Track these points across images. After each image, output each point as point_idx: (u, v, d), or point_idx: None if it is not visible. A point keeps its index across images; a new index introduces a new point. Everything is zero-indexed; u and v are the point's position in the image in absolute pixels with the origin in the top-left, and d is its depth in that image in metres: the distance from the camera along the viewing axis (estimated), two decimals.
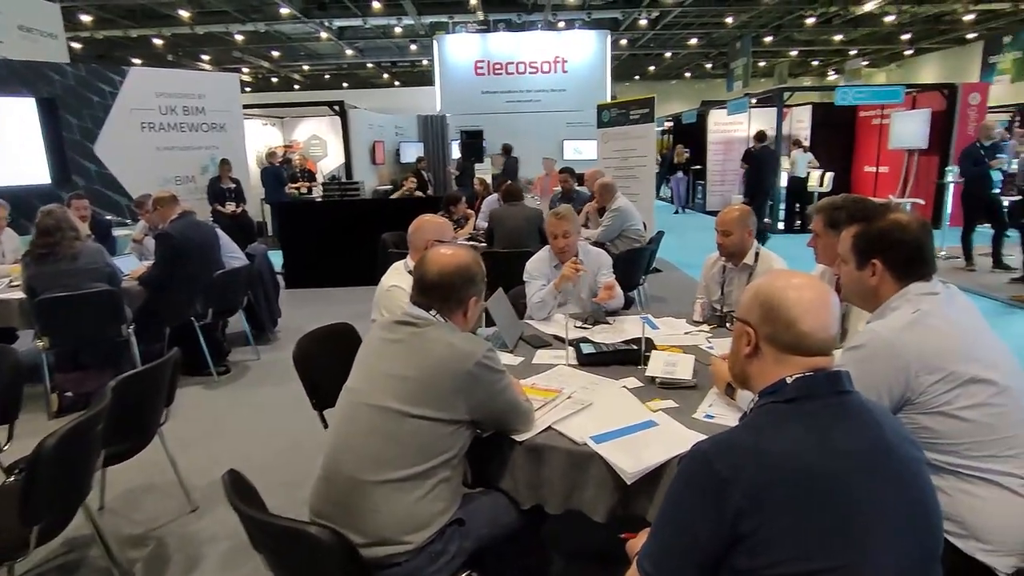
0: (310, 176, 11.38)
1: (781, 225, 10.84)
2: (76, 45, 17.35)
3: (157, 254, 4.35)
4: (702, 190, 13.53)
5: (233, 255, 5.04)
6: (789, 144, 11.14)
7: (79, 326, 3.82)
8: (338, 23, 15.56)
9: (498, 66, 12.15)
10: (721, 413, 1.84)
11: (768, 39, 18.53)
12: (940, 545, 1.08)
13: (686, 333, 2.67)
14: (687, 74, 28.28)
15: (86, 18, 14.31)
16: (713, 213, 13.46)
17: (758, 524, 0.96)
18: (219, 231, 5.05)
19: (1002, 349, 1.53)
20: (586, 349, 2.38)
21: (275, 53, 20.94)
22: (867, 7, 13.24)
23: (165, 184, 7.69)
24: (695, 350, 2.41)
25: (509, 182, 6.06)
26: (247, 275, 4.67)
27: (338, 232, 7.11)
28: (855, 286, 1.67)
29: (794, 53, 22.84)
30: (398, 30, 15.17)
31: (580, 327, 2.78)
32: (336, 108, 9.78)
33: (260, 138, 12.17)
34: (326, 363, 2.57)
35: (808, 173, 10.69)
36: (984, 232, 7.11)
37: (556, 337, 2.61)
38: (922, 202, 9.43)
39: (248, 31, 15.71)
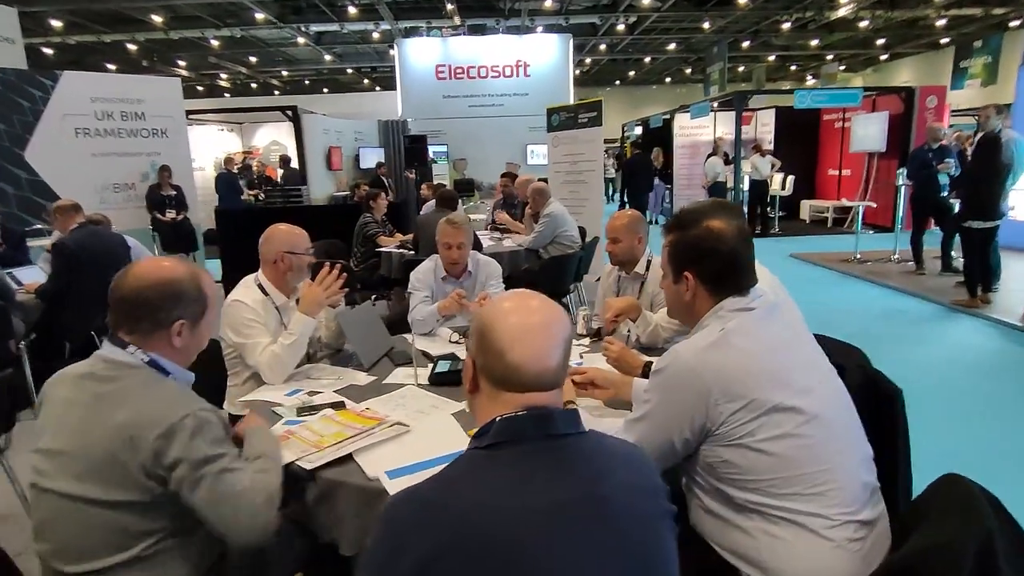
0: (269, 182, 11.17)
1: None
2: (48, 51, 17.07)
3: (52, 265, 4.15)
4: (669, 195, 13.43)
5: None
6: (751, 148, 11.08)
7: None
8: (315, 28, 15.38)
9: (459, 70, 12.00)
10: None
11: (746, 44, 18.54)
12: None
13: None
14: (667, 79, 28.32)
15: (57, 23, 14.01)
16: None
17: None
18: (134, 241, 4.84)
19: (823, 371, 1.39)
20: (440, 368, 2.22)
21: (252, 59, 20.69)
22: (841, 12, 13.23)
23: (103, 191, 7.48)
24: None
25: (444, 187, 5.89)
26: None
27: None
28: (673, 302, 1.53)
29: (772, 58, 22.89)
30: (376, 35, 15.03)
31: (457, 342, 2.62)
32: (289, 113, 9.59)
33: (219, 144, 11.96)
34: None
35: (771, 177, 10.64)
36: (938, 235, 7.05)
37: (424, 354, 2.44)
38: (873, 205, 9.38)
39: (224, 36, 15.46)
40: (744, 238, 1.43)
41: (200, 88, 25.62)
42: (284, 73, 24.18)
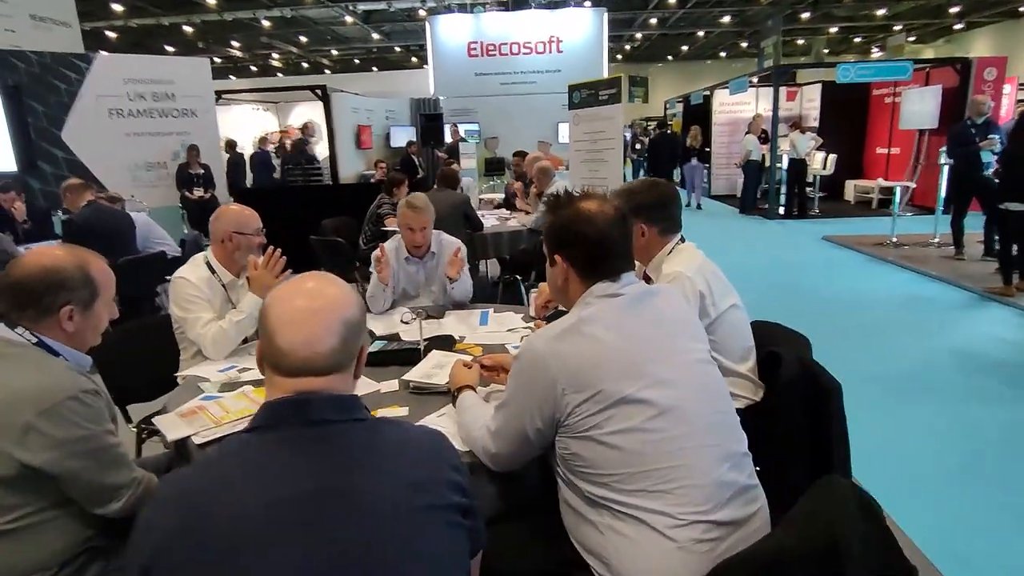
0: (310, 159, 11.35)
1: (781, 210, 10.34)
2: (111, 34, 17.83)
3: (63, 241, 4.34)
4: (707, 174, 13.03)
5: (160, 241, 5.00)
6: (789, 125, 10.60)
7: None
8: (363, 7, 15.56)
9: (491, 47, 11.87)
10: (443, 427, 1.65)
11: (805, 15, 17.68)
12: None
13: (509, 330, 2.46)
14: (722, 54, 27.34)
15: (118, 7, 14.58)
16: (719, 198, 13.02)
17: None
18: (144, 219, 5.01)
19: (689, 363, 1.30)
20: (374, 348, 2.22)
21: (303, 38, 21.07)
22: None
23: (135, 170, 7.77)
24: (498, 349, 2.21)
25: (444, 167, 5.86)
26: (161, 261, 4.59)
27: (297, 217, 7.03)
28: (550, 285, 1.48)
29: (834, 30, 21.78)
30: (422, 12, 15.06)
31: (406, 322, 2.60)
32: (318, 92, 9.70)
33: (255, 124, 12.24)
34: (136, 360, 2.49)
35: (811, 155, 10.16)
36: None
37: (382, 337, 2.42)
38: (912, 185, 8.85)
39: (274, 16, 15.82)
40: (618, 222, 1.35)
41: (254, 68, 26.30)
42: (334, 52, 24.54)
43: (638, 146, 16.74)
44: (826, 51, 23.95)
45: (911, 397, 3.56)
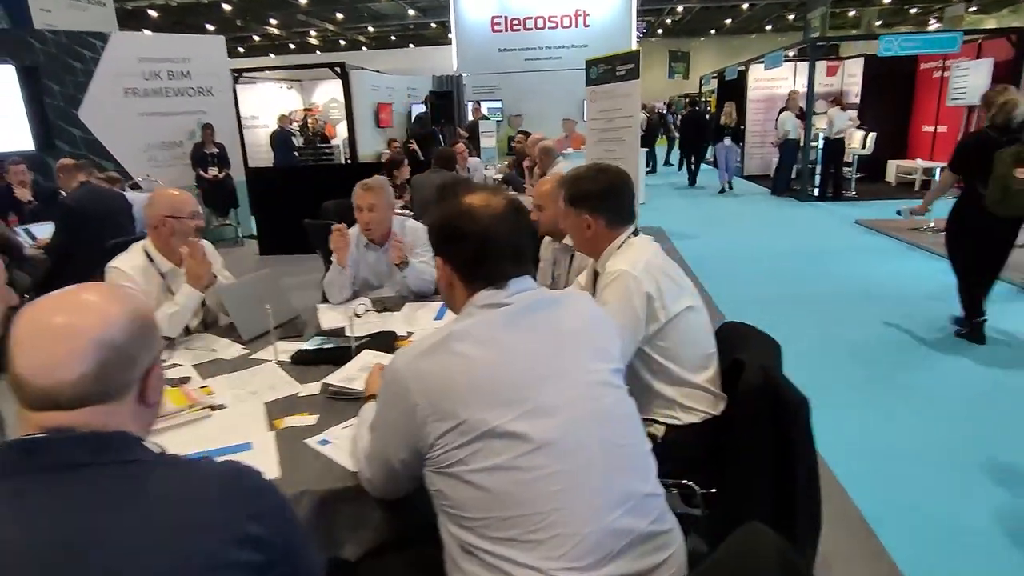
0: (324, 140, 11.31)
1: (815, 191, 9.83)
2: (153, 13, 18.10)
3: (56, 223, 4.32)
4: (740, 153, 12.49)
5: None
6: (828, 102, 10.03)
7: None
8: None
9: (516, 22, 11.51)
10: (339, 439, 1.50)
11: None
12: None
13: None
14: (767, 27, 26.22)
15: None
16: (752, 179, 12.49)
17: None
18: (146, 198, 4.97)
19: (581, 388, 1.11)
20: (310, 344, 2.08)
21: (339, 15, 21.02)
22: None
23: (151, 149, 7.80)
24: None
25: (445, 147, 5.68)
26: None
27: (310, 197, 6.96)
28: (440, 291, 1.30)
29: (888, 0, 20.64)
30: None
31: (358, 315, 2.46)
32: (337, 70, 9.57)
33: (279, 102, 12.22)
34: None
35: (847, 134, 9.61)
36: None
37: (324, 331, 2.27)
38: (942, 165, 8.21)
39: None
40: (508, 218, 1.16)
41: (292, 46, 26.41)
42: (370, 29, 24.45)
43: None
44: (878, 23, 22.68)
45: (937, 403, 3.27)
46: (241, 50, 25.18)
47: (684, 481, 1.76)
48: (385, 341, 2.06)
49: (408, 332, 2.22)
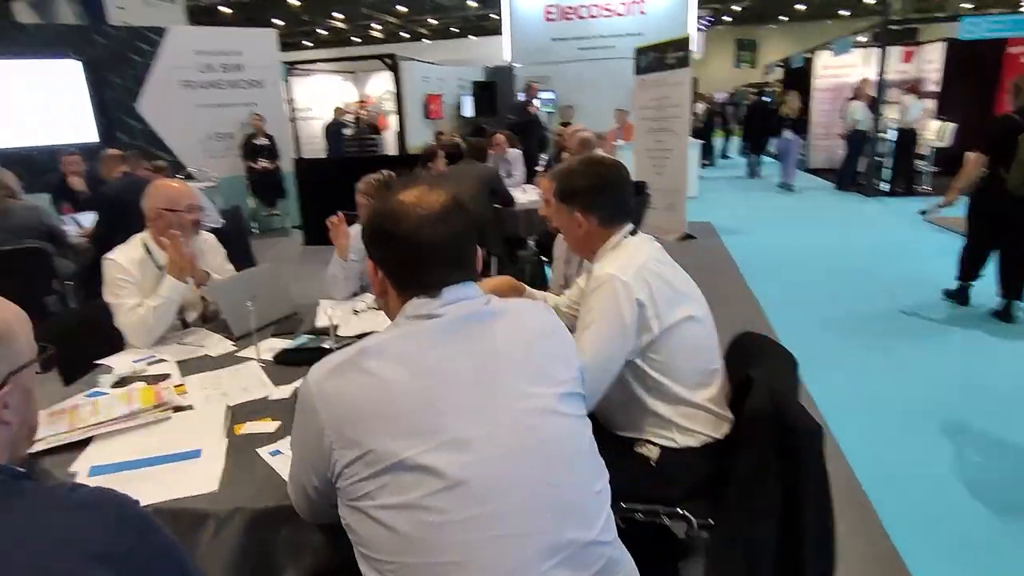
0: (375, 131, 11.39)
1: (886, 186, 9.20)
2: (226, 10, 18.80)
3: (97, 212, 4.44)
4: (803, 146, 11.84)
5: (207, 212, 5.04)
6: (904, 90, 9.37)
7: (7, 281, 3.99)
8: None
9: (569, 10, 11.26)
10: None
11: None
12: None
13: None
14: (843, 12, 24.85)
15: None
16: (816, 172, 11.82)
17: None
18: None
19: (519, 415, 0.95)
20: (297, 343, 2.00)
21: (401, 8, 21.28)
22: None
23: (206, 140, 8.01)
24: None
25: (476, 139, 5.55)
26: None
27: (353, 188, 7.00)
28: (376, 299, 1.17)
29: None
30: None
31: (357, 312, 2.37)
32: (387, 61, 9.60)
33: (334, 93, 12.38)
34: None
35: (922, 124, 8.94)
36: None
37: (314, 330, 2.20)
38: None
39: None
40: (443, 219, 1.01)
41: (357, 39, 26.91)
42: (432, 21, 24.63)
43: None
44: (970, 6, 21.11)
45: (1007, 418, 2.94)
46: (309, 44, 25.81)
47: (679, 510, 1.58)
48: None
49: None
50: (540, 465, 0.92)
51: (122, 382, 1.82)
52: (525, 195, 5.29)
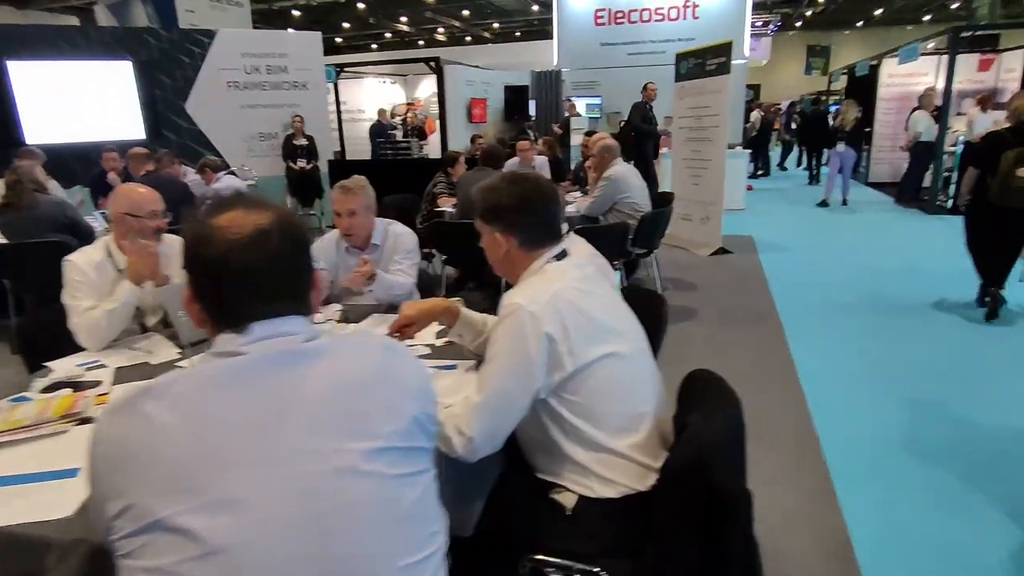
0: (420, 134, 11.47)
1: (948, 202, 8.56)
2: (296, 12, 19.47)
3: None
4: (866, 157, 11.22)
5: None
6: (975, 100, 8.72)
7: (33, 272, 4.14)
8: None
9: (620, 14, 11.02)
10: None
11: None
12: None
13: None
14: (925, 17, 23.52)
15: None
16: (876, 185, 11.15)
17: None
18: (205, 188, 5.19)
19: (308, 476, 0.83)
20: None
21: (465, 12, 21.52)
22: None
23: (249, 140, 8.23)
24: None
25: (491, 143, 5.45)
26: None
27: (382, 190, 7.02)
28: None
29: None
30: None
31: (319, 322, 2.29)
32: (432, 65, 9.62)
33: (383, 96, 12.56)
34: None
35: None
36: None
37: None
38: None
39: None
40: (255, 244, 0.90)
41: (421, 42, 27.36)
42: (495, 25, 24.79)
43: (793, 125, 14.94)
44: None
45: None
46: (374, 46, 26.40)
47: (596, 569, 1.42)
48: None
49: None
50: (322, 534, 0.80)
51: (53, 387, 1.80)
52: None
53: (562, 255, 1.49)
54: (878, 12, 22.69)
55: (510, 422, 1.34)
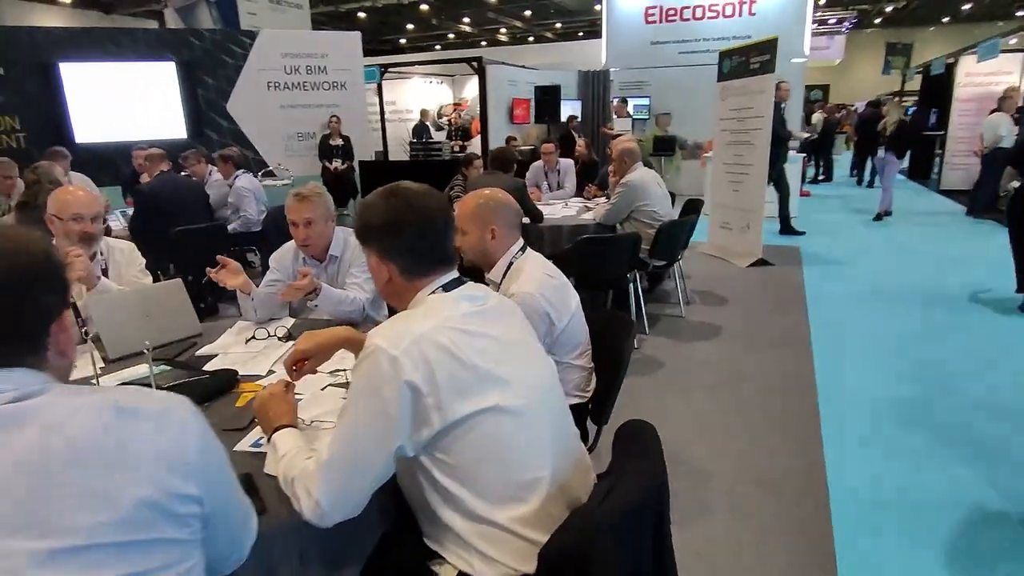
0: (464, 135, 11.37)
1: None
2: (361, 14, 19.83)
3: (135, 208, 4.61)
4: (939, 162, 10.37)
5: (237, 213, 5.13)
6: None
7: None
8: None
9: (672, 12, 10.56)
10: None
11: None
12: None
13: (333, 372, 1.87)
14: (1020, 12, 21.79)
15: None
16: (948, 193, 10.28)
17: None
18: (222, 189, 5.17)
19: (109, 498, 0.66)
20: (135, 376, 1.81)
21: (527, 12, 21.43)
22: None
23: (288, 140, 8.30)
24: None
25: (501, 147, 5.22)
26: (213, 233, 4.64)
27: None
28: None
29: None
30: None
31: (251, 339, 2.15)
32: (474, 65, 9.50)
33: (431, 96, 12.54)
34: None
35: None
36: None
37: (176, 361, 2.01)
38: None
39: None
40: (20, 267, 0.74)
41: (484, 43, 27.44)
42: (558, 25, 24.58)
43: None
44: None
45: None
46: (438, 47, 26.64)
47: None
48: (222, 383, 1.71)
49: (270, 371, 1.86)
50: None
51: None
52: (561, 210, 4.93)
53: (454, 284, 1.27)
54: (967, 7, 21.13)
55: (366, 484, 1.13)
